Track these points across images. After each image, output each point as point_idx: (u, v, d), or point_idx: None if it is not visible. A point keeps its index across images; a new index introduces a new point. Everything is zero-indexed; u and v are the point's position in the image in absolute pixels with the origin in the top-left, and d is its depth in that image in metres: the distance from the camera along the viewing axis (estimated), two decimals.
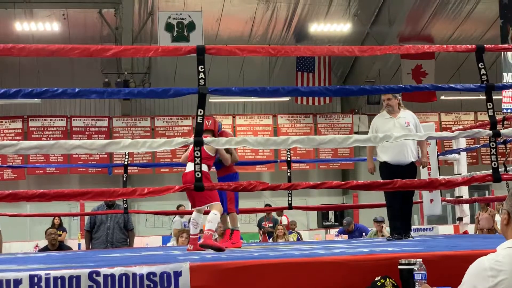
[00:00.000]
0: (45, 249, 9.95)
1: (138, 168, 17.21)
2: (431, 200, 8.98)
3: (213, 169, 6.73)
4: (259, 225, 14.64)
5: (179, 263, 3.68)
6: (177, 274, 3.62)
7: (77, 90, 4.57)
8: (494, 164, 5.07)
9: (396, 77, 20.15)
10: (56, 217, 14.30)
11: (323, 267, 3.86)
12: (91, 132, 18.95)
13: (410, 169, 7.12)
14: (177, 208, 13.64)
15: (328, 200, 19.48)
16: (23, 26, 17.20)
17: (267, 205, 15.82)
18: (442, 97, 19.92)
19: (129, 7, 16.90)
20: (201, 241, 5.88)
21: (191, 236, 6.33)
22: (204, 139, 4.69)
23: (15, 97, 4.52)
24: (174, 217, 13.11)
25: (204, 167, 5.77)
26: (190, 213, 6.53)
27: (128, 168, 8.86)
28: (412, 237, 7.22)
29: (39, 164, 17.65)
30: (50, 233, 9.88)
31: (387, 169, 7.19)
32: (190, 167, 6.00)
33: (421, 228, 14.20)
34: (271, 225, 14.19)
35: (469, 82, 5.69)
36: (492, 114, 5.08)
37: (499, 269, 2.89)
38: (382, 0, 18.23)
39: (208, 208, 6.17)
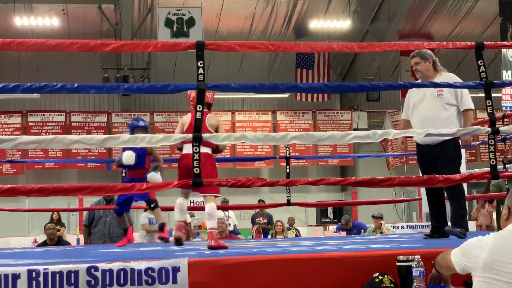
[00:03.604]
0: (44, 244, 9.95)
1: None
2: None
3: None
4: (253, 221, 14.59)
5: (177, 259, 3.68)
6: (175, 269, 3.62)
7: (76, 85, 4.57)
8: (493, 162, 5.07)
9: (395, 74, 20.15)
10: (55, 212, 14.28)
11: (321, 263, 3.87)
12: (90, 127, 18.95)
13: (442, 150, 5.90)
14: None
15: (327, 197, 19.48)
16: (22, 21, 17.19)
17: (260, 201, 15.78)
18: None
19: (128, 3, 16.88)
20: (212, 243, 5.47)
21: (179, 222, 5.97)
22: (203, 134, 4.68)
23: (14, 91, 4.52)
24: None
25: (209, 150, 5.67)
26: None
27: None
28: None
29: (38, 159, 17.64)
30: (48, 228, 9.88)
31: (418, 150, 6.21)
32: (189, 148, 5.43)
33: (419, 225, 14.24)
34: (265, 221, 14.16)
35: (469, 80, 5.67)
36: (491, 111, 5.08)
37: (491, 244, 3.16)
38: None
39: (204, 200, 5.80)
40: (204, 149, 5.52)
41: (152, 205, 6.68)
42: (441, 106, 5.95)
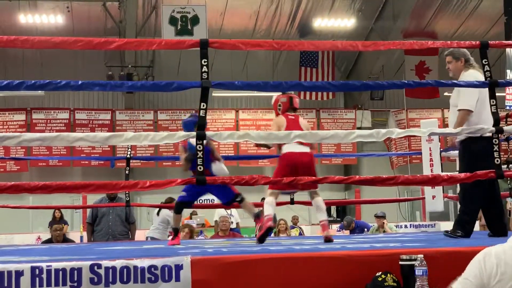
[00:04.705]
0: (49, 241, 9.97)
1: (141, 161, 17.23)
2: (433, 196, 8.96)
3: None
4: None
5: (180, 257, 3.68)
6: (178, 267, 3.62)
7: (80, 82, 4.57)
8: (497, 161, 5.06)
9: (399, 73, 20.14)
10: (57, 211, 14.29)
11: (324, 262, 3.86)
12: (94, 125, 18.98)
13: (459, 150, 5.94)
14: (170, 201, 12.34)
15: (330, 195, 19.43)
16: (27, 18, 17.22)
17: (263, 199, 15.75)
18: (446, 94, 19.86)
19: (133, 0, 16.90)
20: (329, 233, 5.73)
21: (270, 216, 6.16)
22: (206, 132, 4.67)
23: (18, 89, 4.52)
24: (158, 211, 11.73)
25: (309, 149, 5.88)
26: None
27: (131, 161, 8.85)
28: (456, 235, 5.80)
29: (42, 156, 17.66)
30: (55, 229, 9.89)
31: None
32: (301, 148, 5.80)
33: (423, 224, 14.24)
34: None
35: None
36: (495, 110, 5.07)
37: (503, 258, 2.94)
38: None
39: (314, 194, 6.11)
40: (309, 149, 5.88)
41: (238, 199, 6.56)
42: (451, 109, 5.91)
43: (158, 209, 10.88)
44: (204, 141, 4.65)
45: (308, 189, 6.05)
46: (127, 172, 8.67)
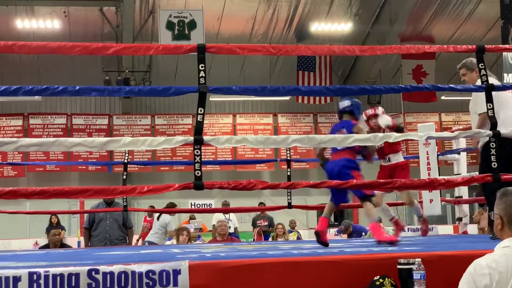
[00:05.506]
0: (46, 247, 9.94)
1: (138, 166, 17.23)
2: (431, 200, 8.97)
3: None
4: (254, 223, 14.56)
5: (178, 262, 3.68)
6: (176, 272, 3.62)
7: (77, 88, 4.56)
8: (494, 165, 5.06)
9: (396, 77, 20.16)
10: (53, 216, 14.24)
11: (322, 266, 3.86)
12: (91, 130, 18.98)
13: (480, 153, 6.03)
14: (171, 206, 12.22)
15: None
16: (24, 23, 17.22)
17: (261, 203, 15.75)
18: (443, 97, 19.94)
19: (130, 5, 16.92)
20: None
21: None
22: (204, 137, 4.67)
23: (15, 94, 4.52)
24: (158, 216, 11.18)
25: None
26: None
27: (128, 166, 8.81)
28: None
29: (39, 162, 17.65)
30: (54, 234, 9.85)
31: None
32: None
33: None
34: (266, 223, 14.14)
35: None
36: (492, 114, 5.07)
37: (495, 267, 2.97)
38: None
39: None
40: None
41: (370, 199, 6.22)
42: (472, 116, 6.08)
43: (158, 214, 10.88)
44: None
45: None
46: (124, 177, 8.64)
